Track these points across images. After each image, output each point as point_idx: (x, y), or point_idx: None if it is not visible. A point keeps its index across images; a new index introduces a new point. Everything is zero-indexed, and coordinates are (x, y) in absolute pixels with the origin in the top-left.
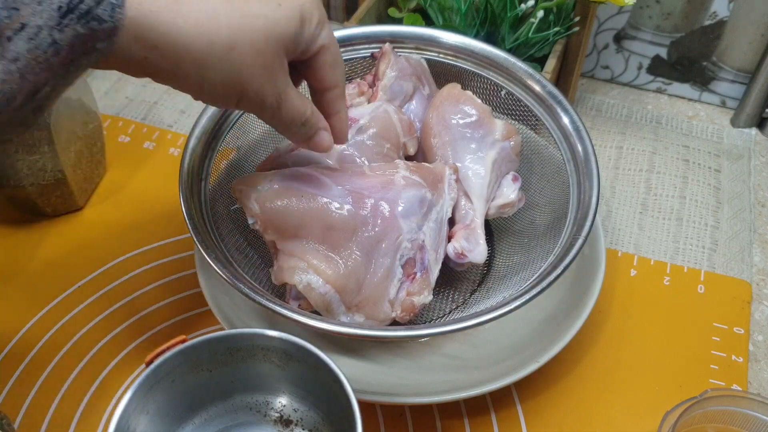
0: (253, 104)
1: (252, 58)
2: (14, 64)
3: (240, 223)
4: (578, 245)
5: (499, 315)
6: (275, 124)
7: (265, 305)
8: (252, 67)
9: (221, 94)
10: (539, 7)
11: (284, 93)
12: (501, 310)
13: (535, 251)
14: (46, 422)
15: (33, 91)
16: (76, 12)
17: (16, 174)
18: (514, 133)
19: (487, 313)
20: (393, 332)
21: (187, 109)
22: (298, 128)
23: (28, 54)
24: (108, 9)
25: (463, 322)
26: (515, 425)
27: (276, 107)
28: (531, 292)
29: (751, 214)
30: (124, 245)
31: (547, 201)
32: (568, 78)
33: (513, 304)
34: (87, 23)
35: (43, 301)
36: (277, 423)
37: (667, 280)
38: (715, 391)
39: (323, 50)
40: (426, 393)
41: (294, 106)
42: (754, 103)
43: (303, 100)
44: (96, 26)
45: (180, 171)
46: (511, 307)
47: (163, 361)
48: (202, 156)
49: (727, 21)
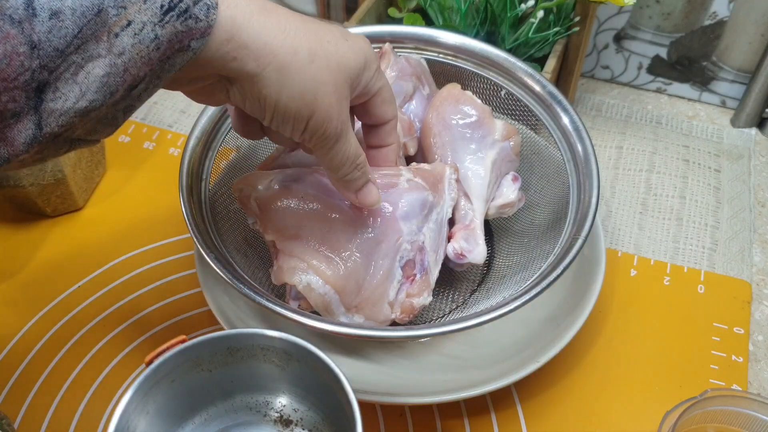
0: (318, 128)
1: (327, 75)
2: (119, 59)
3: (240, 223)
4: (578, 246)
5: (499, 315)
6: (329, 160)
7: (265, 305)
8: (327, 85)
9: (294, 109)
10: (539, 7)
11: (346, 125)
12: (501, 310)
13: (535, 251)
14: (46, 422)
15: (132, 86)
16: (176, 10)
17: (16, 174)
18: (514, 133)
19: (487, 313)
20: (392, 332)
21: (187, 109)
22: (350, 171)
23: (132, 49)
24: (203, 9)
25: (463, 323)
26: (515, 425)
27: (335, 139)
28: (531, 293)
29: (751, 214)
30: (124, 245)
31: (547, 201)
32: (568, 78)
33: (513, 305)
34: (185, 21)
35: (43, 301)
36: (277, 423)
37: (667, 280)
38: (715, 391)
39: (380, 92)
40: (426, 393)
41: (351, 144)
42: (754, 103)
43: (359, 144)
44: (192, 24)
45: (180, 171)
46: (511, 308)
47: (163, 361)
48: (201, 156)
49: (727, 21)
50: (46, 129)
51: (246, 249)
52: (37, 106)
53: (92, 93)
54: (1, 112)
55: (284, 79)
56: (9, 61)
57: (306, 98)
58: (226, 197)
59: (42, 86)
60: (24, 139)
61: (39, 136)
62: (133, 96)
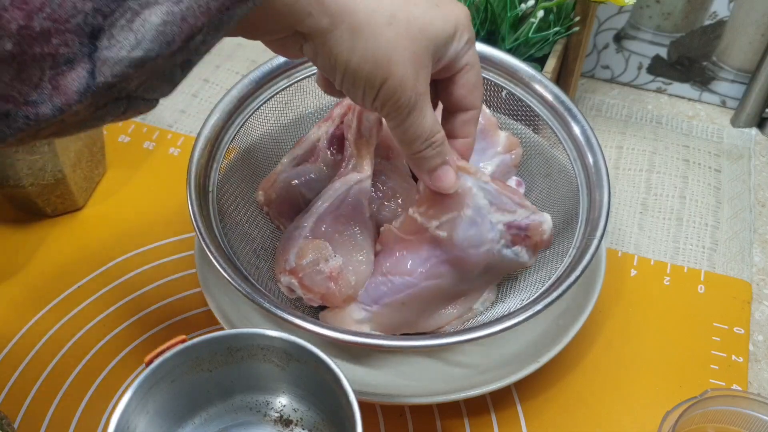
0: (390, 96)
1: (406, 40)
2: (177, 6)
3: (244, 225)
4: (594, 245)
5: (523, 320)
6: (401, 133)
7: (267, 308)
8: (404, 51)
9: (366, 72)
10: (539, 7)
11: (423, 97)
12: (527, 313)
13: (548, 252)
14: (46, 422)
15: (189, 36)
16: None
17: (16, 174)
18: (516, 146)
19: (511, 318)
20: (399, 342)
21: (187, 108)
22: (423, 148)
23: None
24: None
25: (486, 329)
26: (515, 425)
27: (409, 110)
28: (554, 293)
29: (751, 214)
30: (124, 245)
31: (554, 201)
32: (568, 78)
33: (539, 306)
34: None
35: (43, 301)
36: (277, 423)
37: (667, 280)
38: (715, 391)
39: (467, 69)
40: (426, 393)
41: (426, 119)
42: (754, 103)
43: (437, 121)
44: None
45: (189, 164)
46: (535, 311)
47: (163, 361)
48: (208, 160)
49: (727, 21)
50: (100, 78)
51: (247, 248)
52: (91, 54)
53: (148, 42)
54: (54, 57)
55: (357, 40)
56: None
57: (379, 62)
58: (230, 197)
59: (96, 32)
60: (77, 88)
61: (92, 86)
62: (190, 48)
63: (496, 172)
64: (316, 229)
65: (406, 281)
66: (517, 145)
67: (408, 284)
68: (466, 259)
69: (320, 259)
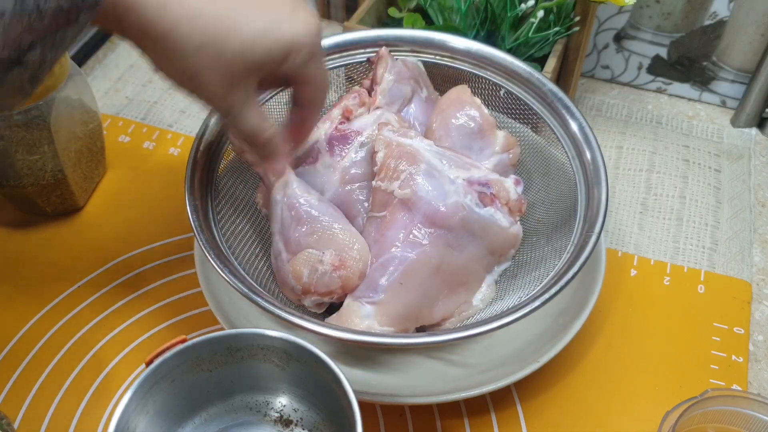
0: (207, 102)
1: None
2: None
3: (243, 226)
4: (592, 242)
5: (522, 316)
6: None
7: (267, 308)
8: (212, 73)
9: (180, 83)
10: (539, 7)
11: (238, 105)
12: (524, 309)
13: (545, 249)
14: (46, 422)
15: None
16: None
17: (16, 174)
18: (514, 145)
19: (509, 314)
20: (398, 339)
21: (187, 109)
22: (253, 143)
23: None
24: None
25: (486, 325)
26: (515, 425)
27: (224, 115)
28: (554, 288)
29: (751, 214)
30: (124, 245)
31: (552, 198)
32: (568, 78)
33: (537, 302)
34: None
35: (43, 301)
36: (277, 423)
37: (667, 280)
38: (715, 391)
39: (306, 83)
40: (426, 393)
41: (247, 121)
42: (754, 103)
43: (262, 122)
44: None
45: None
46: (534, 306)
47: (163, 361)
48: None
49: (727, 21)
50: None
51: (247, 249)
52: None
53: None
54: None
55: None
56: None
57: (187, 80)
58: (228, 198)
59: None
60: None
61: None
62: (29, 64)
63: (494, 171)
64: (290, 247)
65: (393, 255)
66: (515, 144)
67: (397, 259)
68: (437, 212)
69: (315, 264)
